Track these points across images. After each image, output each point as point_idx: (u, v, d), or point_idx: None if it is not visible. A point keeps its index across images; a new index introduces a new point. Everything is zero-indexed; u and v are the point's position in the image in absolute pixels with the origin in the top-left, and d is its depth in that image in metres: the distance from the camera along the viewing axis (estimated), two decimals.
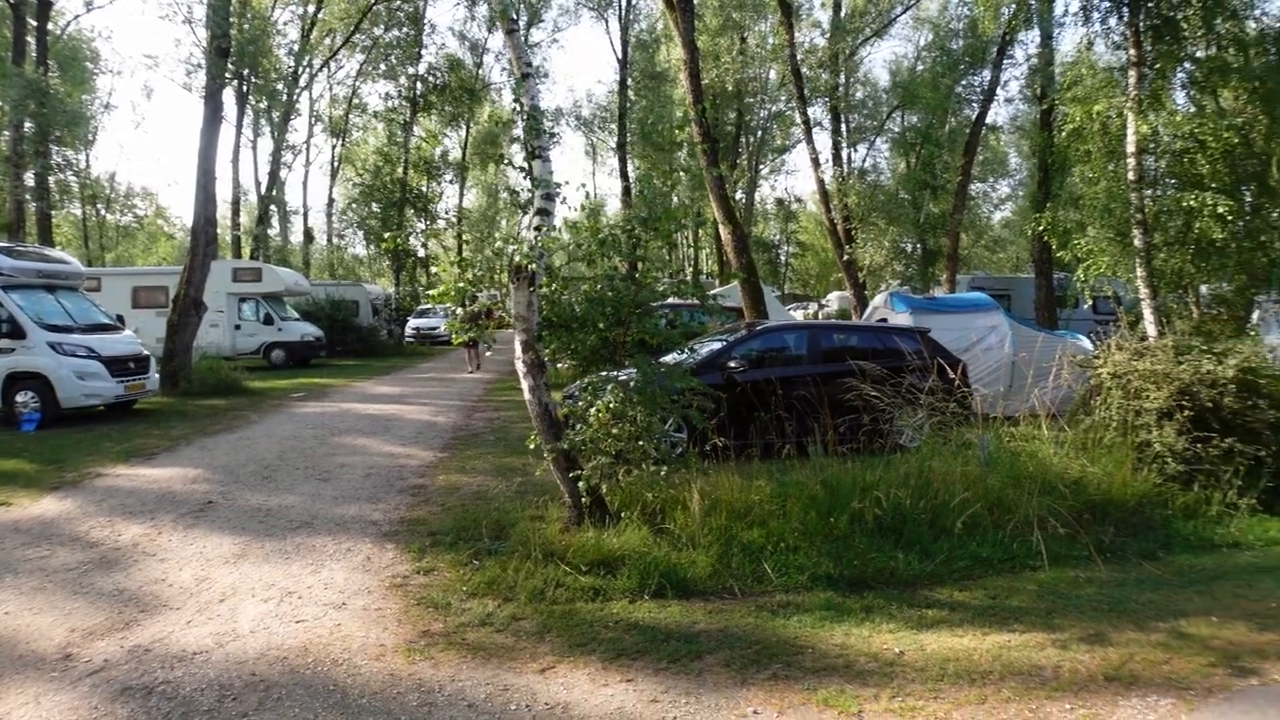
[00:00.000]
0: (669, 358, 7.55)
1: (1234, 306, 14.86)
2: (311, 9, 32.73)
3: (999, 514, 6.35)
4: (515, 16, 7.18)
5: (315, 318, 26.01)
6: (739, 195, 37.61)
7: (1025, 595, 5.45)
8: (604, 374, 6.22)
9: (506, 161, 7.04)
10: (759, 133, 40.11)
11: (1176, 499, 7.20)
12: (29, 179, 23.08)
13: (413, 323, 33.86)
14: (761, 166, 42.32)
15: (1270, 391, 7.72)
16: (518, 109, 6.53)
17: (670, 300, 7.35)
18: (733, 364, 9.46)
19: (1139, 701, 3.96)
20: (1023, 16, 15.91)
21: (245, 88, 31.34)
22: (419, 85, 34.38)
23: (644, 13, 41.72)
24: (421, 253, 34.70)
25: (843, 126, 30.88)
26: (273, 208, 37.64)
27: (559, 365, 7.43)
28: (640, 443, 6.01)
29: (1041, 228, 16.00)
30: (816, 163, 23.68)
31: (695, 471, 6.55)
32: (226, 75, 18.30)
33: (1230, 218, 12.42)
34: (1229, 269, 13.88)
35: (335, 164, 42.85)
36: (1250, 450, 7.23)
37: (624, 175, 38.04)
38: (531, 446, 6.46)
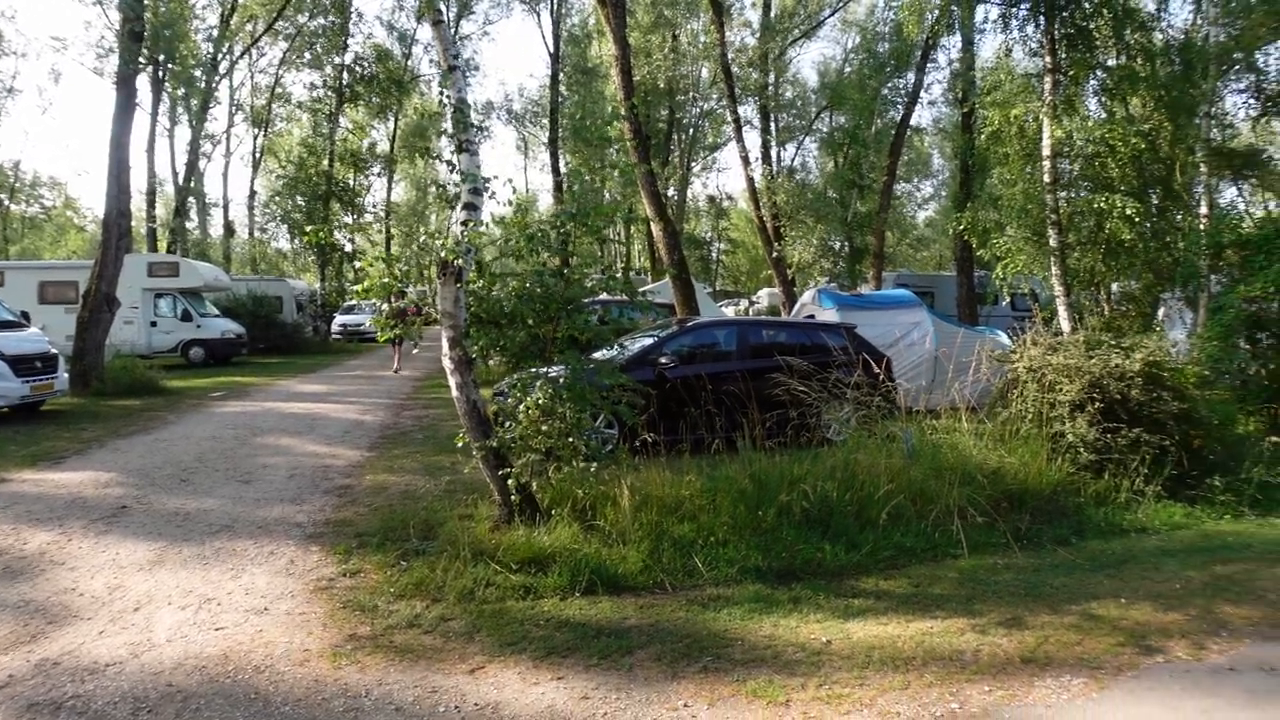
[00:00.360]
0: (600, 354, 7.53)
1: (1141, 303, 15.59)
2: None
3: (922, 504, 6.54)
4: (442, 8, 7.08)
5: (236, 314, 25.18)
6: (671, 192, 37.78)
7: (947, 582, 5.62)
8: (534, 370, 6.18)
9: (434, 155, 6.93)
10: (691, 130, 40.37)
11: (1088, 487, 7.52)
12: None
13: (339, 319, 33.09)
14: (693, 164, 42.60)
15: (1173, 384, 8.12)
16: (445, 102, 6.43)
17: (601, 296, 7.34)
18: (664, 360, 9.52)
19: (1053, 682, 4.12)
20: (945, 22, 16.39)
21: (161, 74, 30.08)
22: (345, 75, 33.55)
23: (576, 7, 41.57)
24: (348, 247, 33.94)
25: (772, 125, 31.32)
26: (191, 199, 36.26)
27: (489, 362, 7.35)
28: (570, 439, 5.99)
29: (962, 227, 16.53)
30: (746, 161, 23.95)
31: (626, 468, 6.56)
32: (140, 60, 17.56)
33: (1138, 219, 13.01)
34: (1137, 268, 14.55)
35: (257, 155, 41.46)
36: (1155, 440, 7.60)
37: (555, 171, 37.84)
38: (460, 445, 6.39)
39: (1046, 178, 13.16)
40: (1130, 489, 7.51)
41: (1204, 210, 13.83)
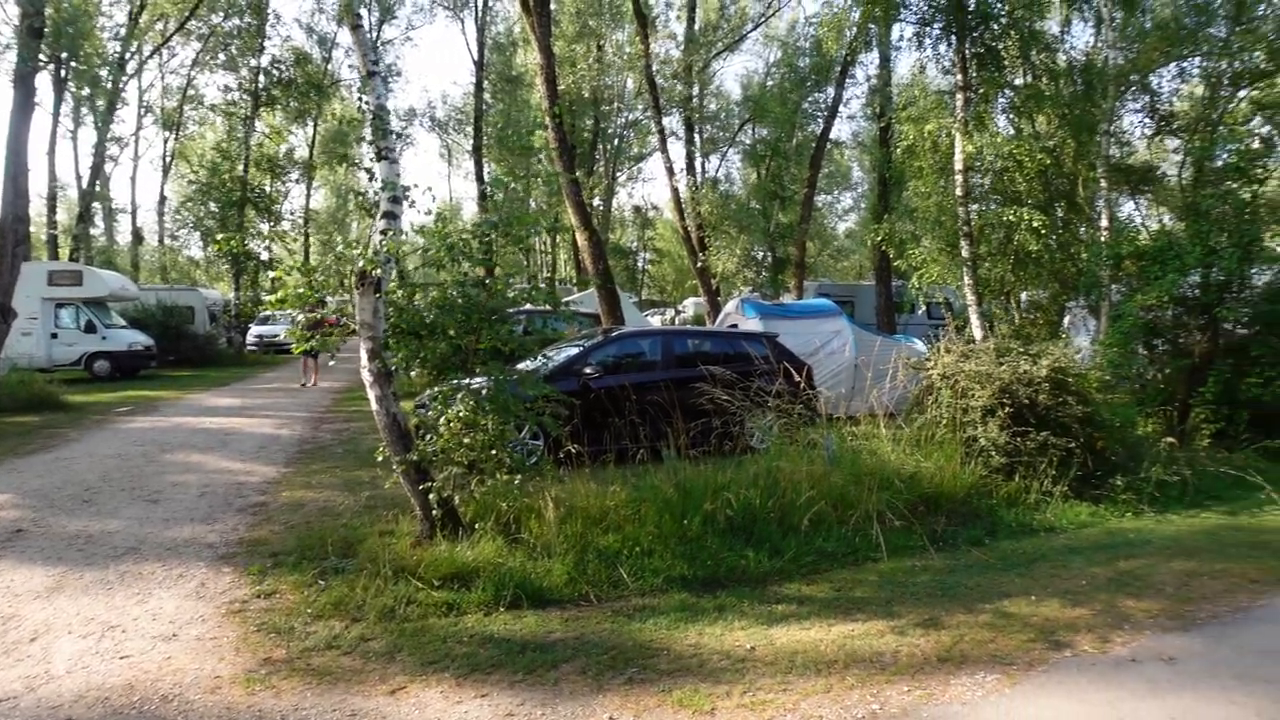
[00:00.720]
0: (524, 365, 7.48)
1: (1049, 311, 16.27)
2: None
3: (842, 509, 6.68)
4: (361, 13, 6.96)
5: (145, 325, 24.11)
6: (596, 202, 37.78)
7: (867, 586, 5.74)
8: (456, 382, 6.08)
9: (352, 162, 6.79)
10: (616, 140, 40.48)
11: (1000, 489, 7.80)
12: None
13: (255, 330, 32.00)
14: (619, 174, 42.71)
15: (1078, 389, 8.50)
16: (364, 108, 6.31)
17: (525, 307, 7.29)
18: (588, 370, 9.50)
19: (968, 679, 4.24)
20: (863, 39, 16.85)
21: (64, 72, 28.71)
22: (262, 78, 32.55)
23: (501, 15, 41.35)
24: (265, 256, 32.88)
25: (696, 137, 31.65)
26: (96, 205, 34.65)
27: (411, 374, 7.21)
28: (494, 451, 5.92)
29: (880, 238, 17.00)
30: (671, 171, 24.18)
31: (551, 479, 6.52)
32: (41, 58, 16.69)
33: (1044, 231, 13.60)
34: (1044, 278, 15.19)
35: (168, 159, 39.87)
36: (1062, 443, 7.94)
37: (480, 179, 37.48)
38: (381, 459, 6.24)
39: (959, 191, 13.63)
40: (1039, 490, 7.82)
41: (1104, 223, 14.54)
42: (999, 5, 13.40)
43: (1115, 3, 14.34)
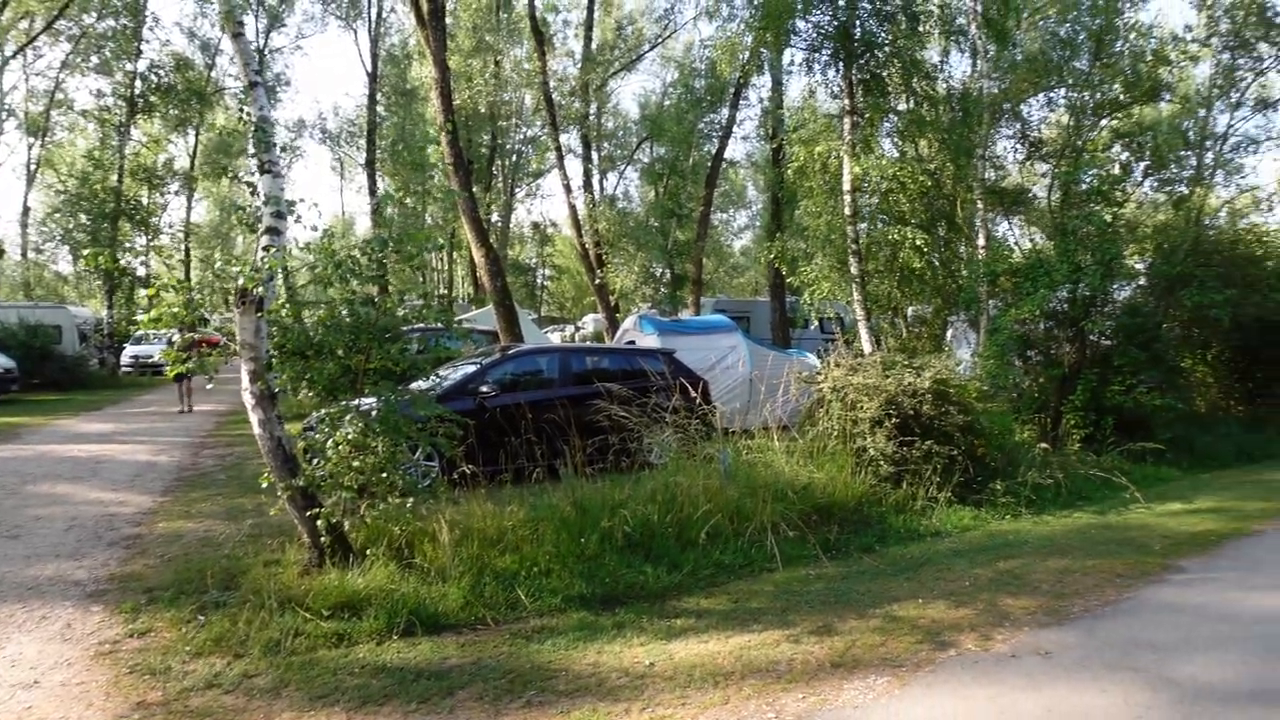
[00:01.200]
0: (418, 384, 7.31)
1: (933, 325, 17.05)
2: None
3: (739, 522, 6.78)
4: (244, 20, 6.70)
5: (5, 346, 22.42)
6: (494, 218, 37.49)
7: (763, 596, 5.83)
8: (344, 404, 5.88)
9: (232, 175, 6.51)
10: (514, 156, 40.27)
11: (889, 497, 8.10)
12: None
13: (130, 350, 30.17)
14: (517, 190, 42.49)
15: (959, 399, 8.92)
16: (246, 119, 6.07)
17: (419, 325, 7.13)
18: (485, 389, 9.36)
19: (860, 683, 4.35)
20: (755, 63, 17.32)
21: None
22: (139, 84, 30.87)
23: (395, 27, 40.53)
24: (140, 271, 31.09)
25: (594, 154, 31.82)
26: None
27: (299, 395, 6.94)
28: (385, 474, 5.74)
29: (773, 255, 17.45)
30: (569, 189, 24.20)
31: (445, 501, 6.38)
32: None
33: (926, 250, 14.28)
34: (927, 293, 15.91)
35: (33, 167, 37.31)
36: (945, 451, 8.32)
37: (373, 193, 36.57)
38: (265, 485, 5.97)
39: (847, 211, 14.15)
40: (925, 496, 8.16)
41: (981, 242, 15.34)
42: (883, 35, 14.03)
43: (989, 36, 15.20)
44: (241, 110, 6.16)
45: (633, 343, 14.22)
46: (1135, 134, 18.17)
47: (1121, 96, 17.49)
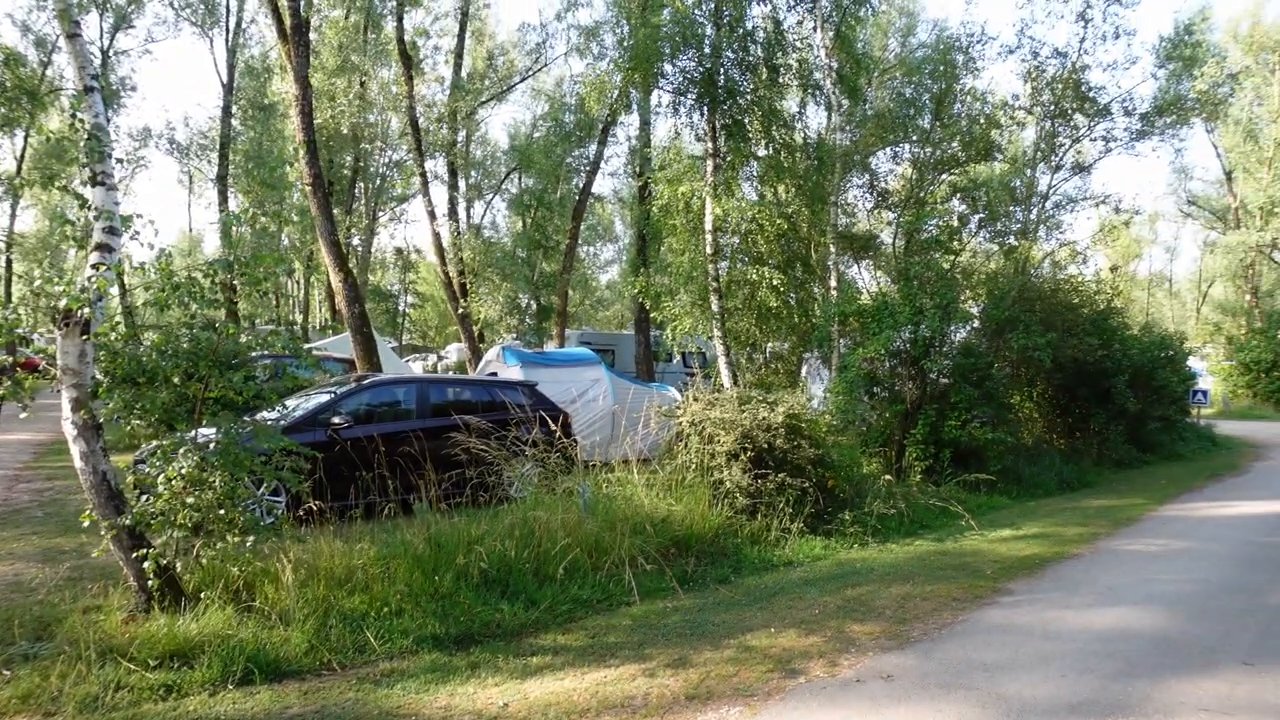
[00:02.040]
0: (265, 415, 6.94)
1: (789, 362, 17.74)
2: None
3: (597, 556, 6.77)
4: (80, 20, 6.25)
5: None
6: (355, 242, 36.30)
7: (621, 631, 5.82)
8: (179, 435, 5.49)
9: (58, 186, 6.01)
10: (379, 179, 39.20)
11: (745, 528, 8.30)
12: None
13: None
14: (381, 214, 41.33)
15: (810, 433, 9.29)
16: (79, 126, 5.64)
17: (267, 352, 6.76)
18: (337, 420, 8.97)
19: (714, 714, 4.40)
20: (624, 102, 17.66)
21: None
22: None
23: (256, 38, 38.77)
24: None
25: (461, 182, 31.41)
26: None
27: (130, 426, 6.41)
28: (223, 511, 5.38)
29: (638, 290, 17.73)
30: (433, 216, 23.79)
31: (290, 539, 6.04)
32: None
33: (783, 289, 14.89)
34: (783, 331, 16.55)
35: None
36: (798, 483, 8.63)
37: (225, 210, 34.67)
38: (88, 523, 5.47)
39: (708, 249, 14.58)
40: (779, 527, 8.42)
41: (833, 283, 16.13)
42: (744, 84, 14.64)
43: (842, 91, 16.12)
44: (74, 116, 5.71)
45: (495, 374, 14.04)
46: (970, 189, 19.62)
47: (959, 154, 18.90)
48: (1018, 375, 14.70)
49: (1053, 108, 17.95)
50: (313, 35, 24.51)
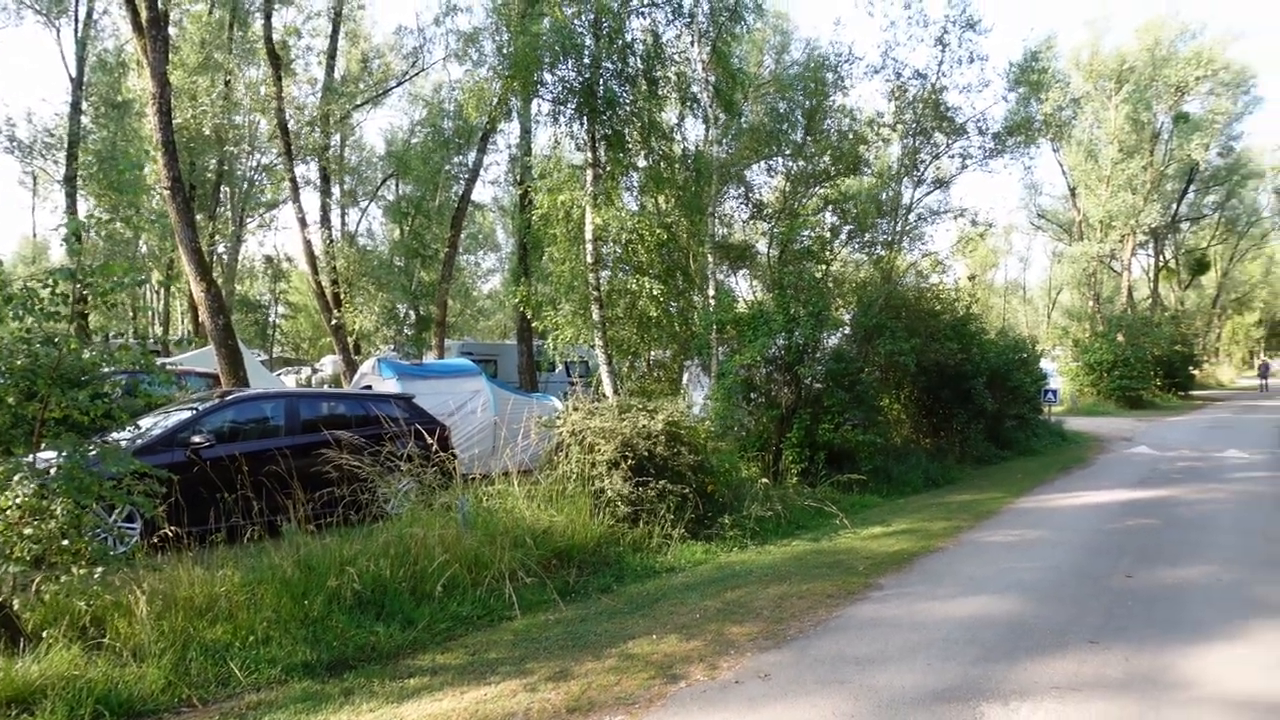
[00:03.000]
0: (117, 435, 6.49)
1: (671, 370, 17.97)
2: None
3: (477, 571, 6.67)
4: None
5: None
6: (220, 250, 34.53)
7: (501, 646, 5.75)
8: (15, 460, 5.06)
9: None
10: (246, 184, 37.39)
11: (627, 536, 8.36)
12: None
13: None
14: (249, 220, 39.42)
15: (689, 440, 9.45)
16: None
17: (117, 368, 6.31)
18: (198, 439, 8.48)
19: None
20: (503, 110, 17.51)
21: None
22: None
23: (109, 31, 36.21)
24: None
25: (335, 189, 30.37)
26: None
27: None
28: (67, 542, 5.00)
29: (518, 300, 17.61)
30: (304, 223, 22.94)
31: (145, 568, 5.68)
32: None
33: (663, 299, 15.08)
34: (664, 339, 16.77)
35: None
36: (678, 489, 8.77)
37: (73, 214, 32.26)
38: None
39: (589, 259, 14.63)
40: (661, 534, 8.52)
41: (711, 292, 16.47)
42: (624, 95, 14.77)
43: (719, 105, 16.49)
44: None
45: (369, 387, 13.63)
46: (841, 201, 20.43)
47: (829, 168, 19.66)
48: (886, 379, 15.38)
49: (915, 126, 18.87)
50: (172, 30, 23.18)
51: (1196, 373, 40.70)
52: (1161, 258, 46.05)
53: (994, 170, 38.29)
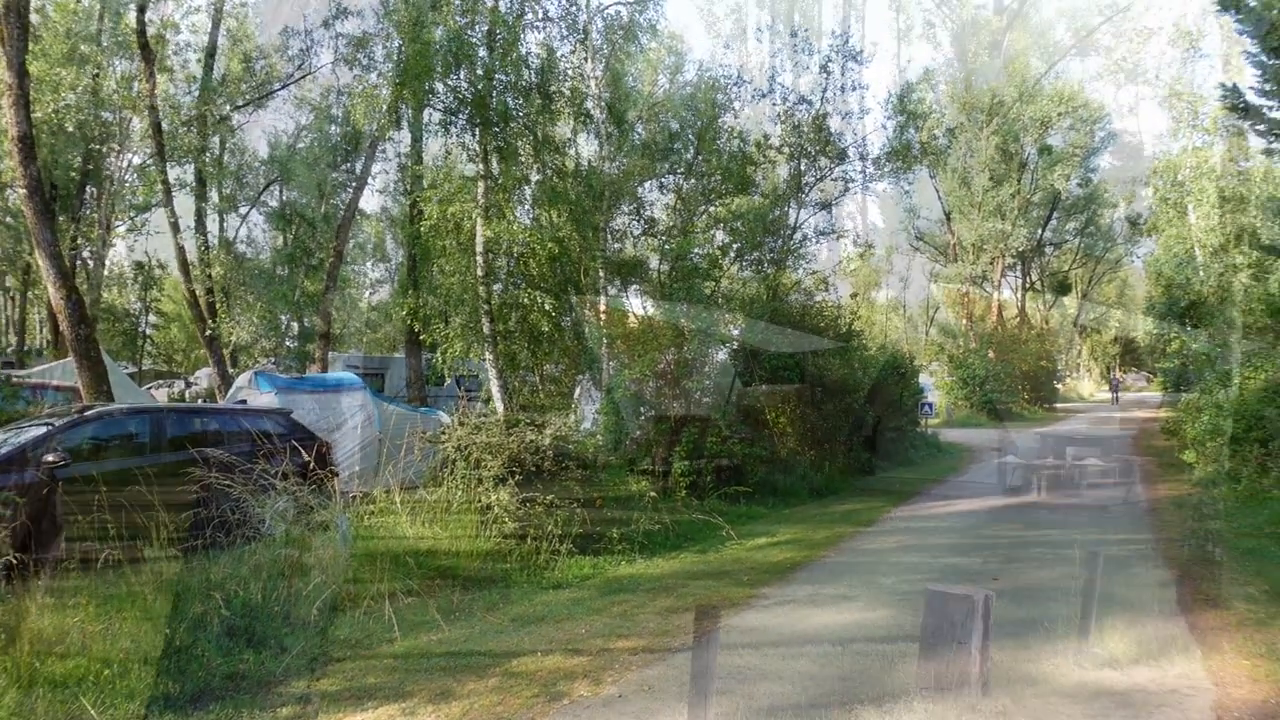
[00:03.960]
0: None
1: (563, 384, 17.93)
2: None
3: (357, 592, 6.49)
4: None
5: None
6: (85, 255, 32.43)
7: (380, 670, 5.62)
8: None
9: None
10: (113, 185, 35.21)
11: (514, 553, 8.33)
12: None
13: None
14: (118, 224, 37.13)
15: (578, 454, 9.50)
16: None
17: None
18: (52, 457, 7.92)
19: None
20: (393, 118, 17.16)
21: None
22: None
23: None
24: None
25: (213, 193, 28.98)
26: None
27: None
28: None
29: (406, 312, 17.28)
30: (176, 228, 21.83)
31: None
32: None
33: (555, 313, 15.07)
34: (555, 354, 16.75)
35: None
36: (566, 504, 8.76)
37: None
38: None
39: (480, 271, 14.48)
40: (549, 550, 8.52)
41: (603, 307, 16.53)
42: (518, 108, 14.72)
43: (612, 122, 16.63)
44: None
45: (245, 401, 13.07)
46: (731, 220, 20.90)
47: (720, 187, 20.09)
48: (772, 393, 15.82)
49: (800, 149, 19.52)
50: (34, 17, 21.72)
51: (1060, 387, 43.62)
52: (1029, 279, 49.15)
53: (875, 194, 40.06)
